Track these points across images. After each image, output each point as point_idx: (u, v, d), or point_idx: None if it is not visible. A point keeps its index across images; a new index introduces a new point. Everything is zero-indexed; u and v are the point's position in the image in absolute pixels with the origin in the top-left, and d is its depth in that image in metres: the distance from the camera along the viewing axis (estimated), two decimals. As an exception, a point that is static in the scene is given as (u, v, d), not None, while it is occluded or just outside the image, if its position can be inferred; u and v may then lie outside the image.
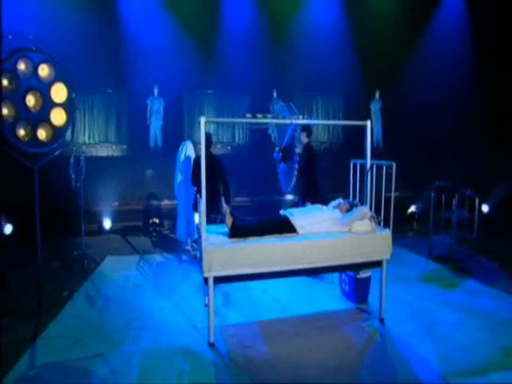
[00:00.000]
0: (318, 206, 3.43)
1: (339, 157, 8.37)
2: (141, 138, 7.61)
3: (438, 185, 5.35)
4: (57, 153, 3.74)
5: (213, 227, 3.34)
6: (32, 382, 2.46)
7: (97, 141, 7.38)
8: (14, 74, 3.28)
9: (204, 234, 3.03)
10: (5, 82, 3.23)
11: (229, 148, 8.58)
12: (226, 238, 3.00)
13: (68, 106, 3.77)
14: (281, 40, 7.77)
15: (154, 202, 6.87)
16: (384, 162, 3.38)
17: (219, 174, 4.48)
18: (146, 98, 7.54)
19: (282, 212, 3.32)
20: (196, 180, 4.22)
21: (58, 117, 3.71)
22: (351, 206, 3.44)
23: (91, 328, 3.13)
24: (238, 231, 2.97)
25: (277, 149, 3.91)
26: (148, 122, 7.67)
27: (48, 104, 3.61)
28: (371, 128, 8.59)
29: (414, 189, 7.72)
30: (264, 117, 3.34)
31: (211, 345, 2.87)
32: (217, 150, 8.33)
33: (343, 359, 2.71)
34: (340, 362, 2.68)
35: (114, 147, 7.60)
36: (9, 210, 4.80)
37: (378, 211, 3.46)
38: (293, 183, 3.54)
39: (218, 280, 2.87)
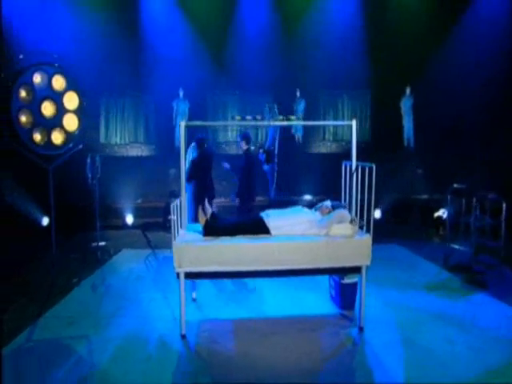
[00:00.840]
0: (300, 207, 3.42)
1: (366, 157, 8.10)
2: (167, 138, 8.08)
3: (456, 187, 4.96)
4: (68, 155, 4.18)
5: (197, 226, 3.50)
6: (25, 353, 2.83)
7: (127, 141, 7.99)
8: (30, 86, 3.76)
9: (181, 231, 3.23)
10: (23, 93, 3.71)
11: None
12: (200, 236, 3.15)
13: (79, 112, 4.21)
14: (302, 38, 7.70)
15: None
16: (367, 164, 3.27)
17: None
18: (172, 101, 7.98)
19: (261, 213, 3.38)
20: (190, 178, 4.55)
21: (70, 122, 4.16)
22: (333, 209, 3.38)
23: (86, 312, 3.49)
24: (211, 230, 3.10)
25: (261, 150, 3.96)
26: (173, 123, 8.11)
27: (61, 111, 4.07)
28: (402, 126, 8.23)
29: (446, 191, 7.20)
30: (255, 118, 3.41)
31: (183, 336, 3.04)
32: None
33: (306, 363, 2.70)
34: (302, 365, 2.68)
35: (142, 147, 8.17)
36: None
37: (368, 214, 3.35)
38: (274, 184, 3.57)
39: (190, 276, 3.03)
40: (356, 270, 3.13)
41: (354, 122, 3.33)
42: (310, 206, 3.55)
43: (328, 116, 8.49)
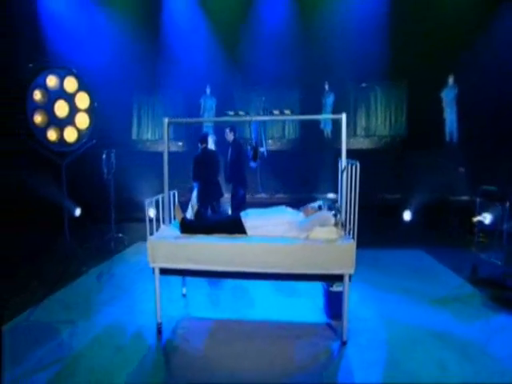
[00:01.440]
0: (283, 207, 3.25)
1: (401, 152, 7.47)
2: (195, 134, 8.28)
3: (486, 190, 4.33)
4: (81, 150, 4.47)
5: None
6: (17, 332, 3.08)
7: (157, 137, 8.36)
8: (44, 88, 4.09)
9: (163, 227, 3.27)
10: (38, 95, 4.04)
11: (279, 144, 8.56)
12: (179, 233, 3.15)
13: (90, 111, 4.47)
14: (328, 29, 7.31)
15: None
16: (351, 161, 2.99)
17: (216, 169, 4.74)
18: (200, 97, 8.14)
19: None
20: (193, 176, 4.59)
21: (82, 121, 4.44)
22: (320, 210, 3.16)
23: (84, 299, 3.72)
24: (187, 227, 3.09)
25: (249, 147, 3.84)
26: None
27: (73, 110, 4.37)
28: (443, 119, 7.49)
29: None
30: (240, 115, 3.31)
31: (159, 331, 3.09)
32: (269, 145, 8.46)
33: (269, 373, 2.56)
34: (264, 374, 2.55)
35: (171, 143, 8.47)
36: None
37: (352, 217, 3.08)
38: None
39: (166, 272, 3.06)
40: (338, 278, 2.89)
41: (343, 116, 3.05)
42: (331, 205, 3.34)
43: (359, 110, 8.00)
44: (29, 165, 4.20)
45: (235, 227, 3.03)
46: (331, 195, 7.53)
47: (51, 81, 4.12)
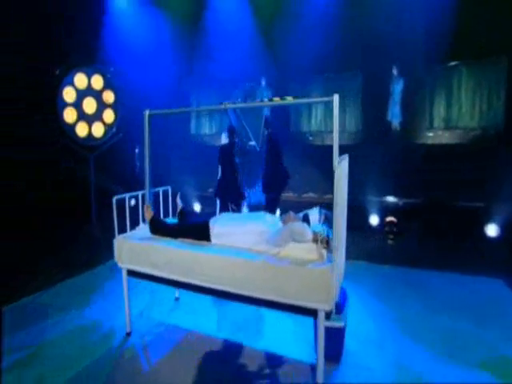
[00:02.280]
0: (262, 213, 2.69)
1: (495, 149, 5.83)
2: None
3: None
4: (109, 144, 4.67)
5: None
6: (17, 312, 3.36)
7: (214, 132, 8.41)
8: (73, 86, 4.37)
9: (141, 225, 3.10)
10: (67, 93, 4.34)
11: (352, 137, 7.64)
12: (149, 234, 2.93)
13: (115, 106, 4.63)
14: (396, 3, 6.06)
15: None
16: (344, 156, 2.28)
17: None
18: (256, 90, 7.82)
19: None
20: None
21: (108, 116, 4.63)
22: (304, 221, 2.52)
23: (87, 289, 3.83)
24: (155, 228, 2.83)
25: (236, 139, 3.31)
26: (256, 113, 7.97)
27: (101, 107, 4.57)
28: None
29: None
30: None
31: (128, 334, 2.97)
32: (329, 140, 7.68)
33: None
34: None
35: (219, 136, 8.40)
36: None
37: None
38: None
39: (133, 274, 2.88)
40: (311, 312, 2.23)
41: (335, 98, 2.32)
42: (392, 210, 2.70)
43: (438, 97, 6.49)
44: (62, 156, 4.53)
45: (201, 233, 2.64)
46: (391, 198, 6.40)
47: (80, 79, 4.37)
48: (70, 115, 4.32)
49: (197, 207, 7.24)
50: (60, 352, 2.76)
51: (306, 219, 2.53)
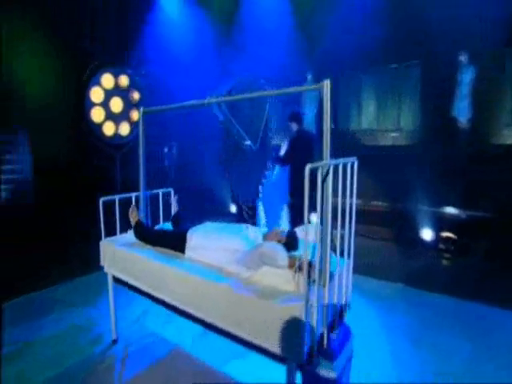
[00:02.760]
0: (244, 226, 2.29)
1: None
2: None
3: None
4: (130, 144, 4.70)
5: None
6: (22, 306, 3.48)
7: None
8: (100, 86, 4.47)
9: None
10: (94, 93, 4.46)
11: (392, 137, 6.70)
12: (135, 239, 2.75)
13: (141, 105, 4.62)
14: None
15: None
16: (343, 160, 1.80)
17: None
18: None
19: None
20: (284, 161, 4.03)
21: (134, 115, 4.65)
22: (289, 239, 2.07)
23: (99, 289, 3.74)
24: (138, 233, 2.64)
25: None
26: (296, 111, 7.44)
27: (128, 106, 4.62)
28: None
29: None
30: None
31: (114, 341, 2.87)
32: (383, 139, 6.86)
33: None
34: None
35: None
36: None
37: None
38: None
39: (117, 280, 2.74)
40: (279, 359, 1.78)
41: (325, 84, 1.83)
42: (450, 224, 2.19)
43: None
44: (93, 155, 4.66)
45: (178, 243, 2.36)
46: (452, 210, 5.37)
47: (107, 79, 4.45)
48: (97, 115, 4.42)
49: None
50: (46, 351, 2.76)
51: (291, 238, 2.07)
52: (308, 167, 1.54)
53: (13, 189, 4.49)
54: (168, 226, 2.96)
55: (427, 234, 5.32)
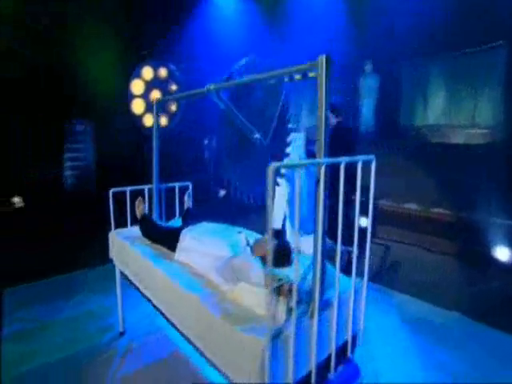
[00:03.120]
0: (235, 230, 2.01)
1: None
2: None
3: None
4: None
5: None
6: (55, 284, 3.70)
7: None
8: (141, 78, 4.57)
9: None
10: (135, 85, 4.58)
11: (464, 135, 5.66)
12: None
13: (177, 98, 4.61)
14: None
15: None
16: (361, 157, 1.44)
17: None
18: (357, 77, 6.63)
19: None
20: None
21: (172, 106, 4.68)
22: (278, 252, 1.74)
23: (100, 275, 3.82)
24: (143, 229, 2.54)
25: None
26: (357, 104, 6.77)
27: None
28: None
29: None
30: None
31: (121, 333, 2.86)
32: (453, 137, 5.92)
33: None
34: None
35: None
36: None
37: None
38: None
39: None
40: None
41: (322, 60, 1.43)
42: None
43: None
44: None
45: (171, 242, 2.21)
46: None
47: (147, 71, 4.53)
48: (137, 106, 4.53)
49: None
50: (60, 332, 2.87)
51: (280, 251, 1.74)
52: (270, 168, 1.20)
53: (77, 175, 4.85)
54: (179, 222, 2.85)
55: (501, 253, 4.38)
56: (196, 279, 1.83)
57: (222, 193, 2.74)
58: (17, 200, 4.94)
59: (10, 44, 4.02)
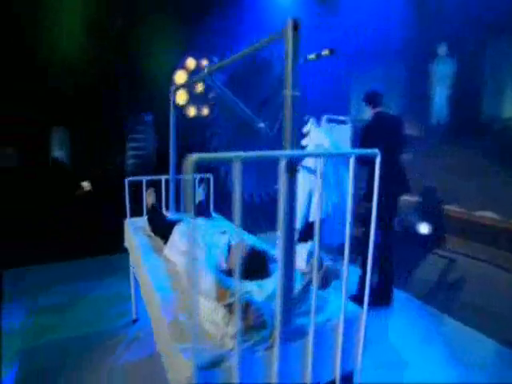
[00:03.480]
0: (223, 230, 1.78)
1: None
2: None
3: None
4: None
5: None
6: (83, 266, 3.95)
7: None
8: (185, 69, 4.59)
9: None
10: (179, 77, 4.63)
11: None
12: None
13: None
14: None
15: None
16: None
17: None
18: (428, 62, 5.72)
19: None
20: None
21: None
22: (249, 260, 1.48)
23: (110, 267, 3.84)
24: (149, 218, 2.49)
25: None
26: (428, 94, 5.86)
27: (207, 88, 4.62)
28: None
29: None
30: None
31: (133, 320, 2.92)
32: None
33: None
34: None
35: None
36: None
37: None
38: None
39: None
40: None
41: (289, 26, 1.12)
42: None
43: None
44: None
45: (165, 235, 2.10)
46: None
47: (190, 62, 4.53)
48: (181, 97, 4.58)
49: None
50: (85, 310, 3.07)
51: (252, 259, 1.48)
52: (189, 160, 0.95)
53: (139, 163, 5.16)
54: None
55: None
56: (168, 279, 1.69)
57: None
58: (85, 184, 5.45)
59: (95, 52, 4.25)
